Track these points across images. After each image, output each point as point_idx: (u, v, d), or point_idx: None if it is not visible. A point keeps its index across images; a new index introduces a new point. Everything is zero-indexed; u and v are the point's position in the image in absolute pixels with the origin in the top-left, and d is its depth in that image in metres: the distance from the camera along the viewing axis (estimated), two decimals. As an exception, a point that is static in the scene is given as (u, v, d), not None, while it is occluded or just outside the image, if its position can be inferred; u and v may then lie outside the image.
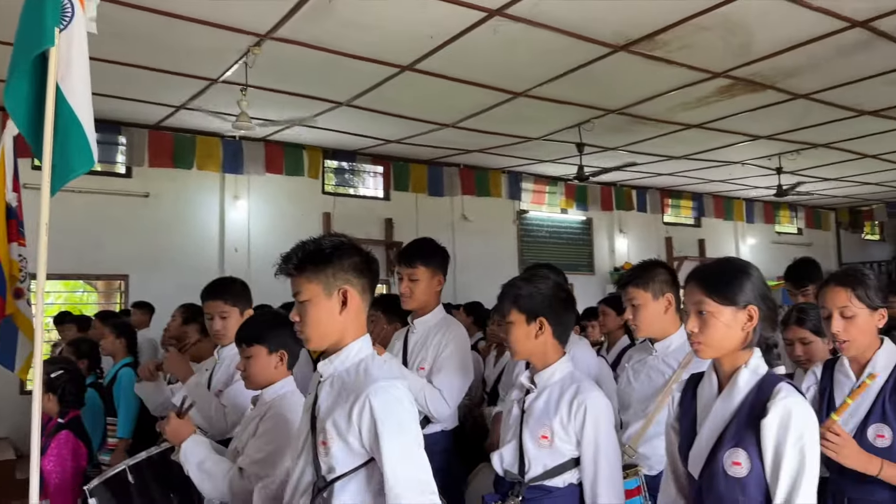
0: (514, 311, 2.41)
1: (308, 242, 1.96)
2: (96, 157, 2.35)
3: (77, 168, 2.31)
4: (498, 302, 2.49)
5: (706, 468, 1.86)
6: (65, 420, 3.41)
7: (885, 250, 16.73)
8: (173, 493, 2.79)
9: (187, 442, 2.46)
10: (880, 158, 10.53)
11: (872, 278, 2.38)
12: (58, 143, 2.30)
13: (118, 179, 8.55)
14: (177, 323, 4.37)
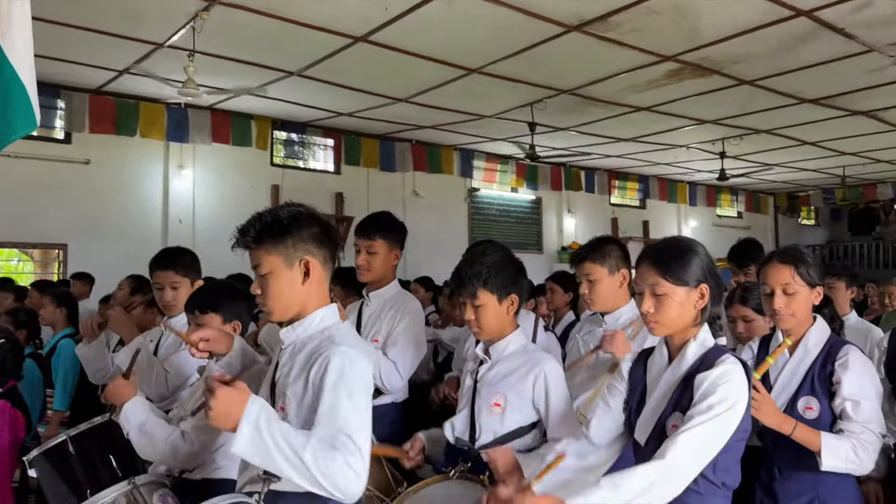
0: (484, 293, 2.41)
1: (265, 214, 1.92)
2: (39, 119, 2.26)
3: (19, 130, 2.21)
4: (461, 283, 2.44)
5: (652, 434, 1.94)
6: (3, 389, 3.31)
7: (819, 235, 17.41)
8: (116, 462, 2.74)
9: (130, 402, 2.39)
10: (819, 146, 10.90)
11: (812, 257, 2.47)
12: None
13: (57, 145, 8.22)
14: (124, 293, 4.27)
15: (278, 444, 1.55)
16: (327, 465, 1.57)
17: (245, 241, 1.91)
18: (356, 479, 1.59)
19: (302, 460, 1.56)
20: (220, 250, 3.61)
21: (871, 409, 2.29)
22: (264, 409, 1.61)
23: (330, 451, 1.59)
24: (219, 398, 1.58)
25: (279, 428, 1.58)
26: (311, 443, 1.59)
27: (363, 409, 1.72)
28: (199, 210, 9.02)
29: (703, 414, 1.80)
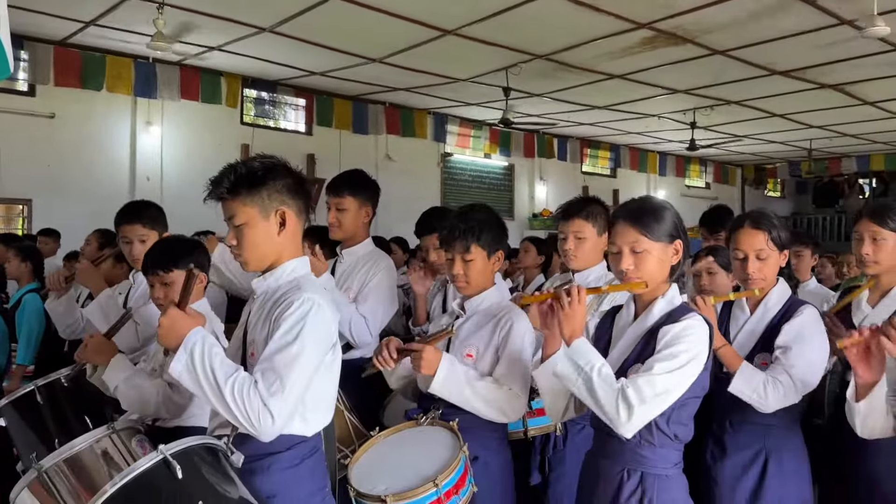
0: (476, 248, 2.46)
1: (238, 165, 1.91)
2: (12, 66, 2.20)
3: None
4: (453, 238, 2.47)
5: None
6: None
7: (784, 207, 17.73)
8: (87, 414, 2.75)
9: (115, 359, 2.42)
10: (787, 118, 11.05)
11: (780, 220, 2.53)
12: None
13: (20, 98, 8.00)
14: (92, 248, 4.22)
15: (206, 374, 1.67)
16: (244, 401, 1.65)
17: (219, 192, 1.90)
18: (271, 421, 1.66)
19: (222, 392, 1.65)
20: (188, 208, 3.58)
21: (799, 357, 2.33)
22: (206, 339, 1.72)
23: (252, 388, 1.67)
24: (169, 316, 1.73)
25: (212, 359, 1.69)
26: (237, 377, 1.68)
27: (308, 356, 1.75)
28: (168, 168, 8.88)
29: (663, 361, 1.86)
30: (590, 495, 2.07)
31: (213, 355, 1.70)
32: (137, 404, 2.41)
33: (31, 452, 2.65)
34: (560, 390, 2.01)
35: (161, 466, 1.59)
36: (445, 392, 2.30)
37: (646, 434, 1.93)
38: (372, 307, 3.11)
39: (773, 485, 2.38)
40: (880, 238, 2.58)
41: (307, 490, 1.87)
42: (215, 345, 1.73)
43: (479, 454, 2.32)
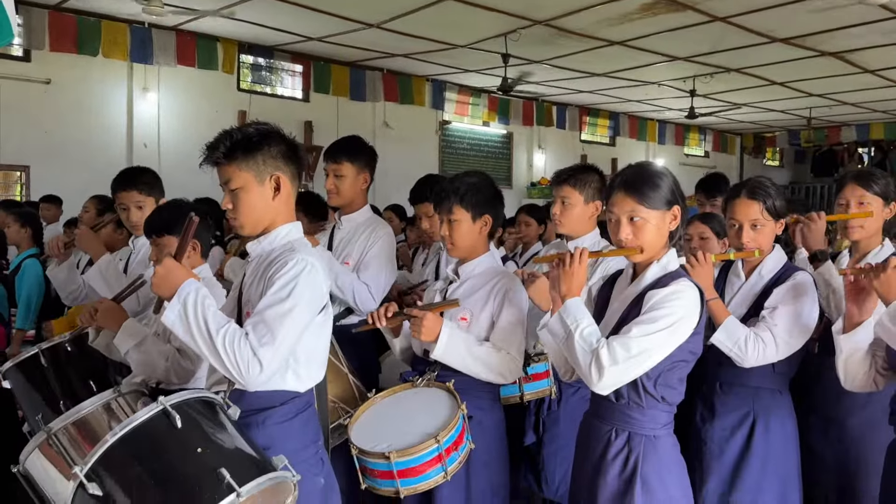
0: (459, 209, 2.49)
1: (234, 131, 1.96)
2: (16, 31, 2.20)
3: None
4: (440, 199, 2.52)
5: None
6: None
7: (783, 176, 17.70)
8: (90, 377, 2.79)
9: (126, 324, 2.46)
10: (787, 86, 11.00)
11: (776, 189, 2.55)
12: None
13: (15, 63, 7.93)
14: (90, 214, 4.23)
15: (198, 323, 1.73)
16: (234, 350, 1.72)
17: (215, 157, 1.95)
18: (260, 371, 1.74)
19: (213, 341, 1.73)
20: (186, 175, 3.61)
21: (784, 317, 2.38)
22: (199, 291, 1.78)
23: (242, 339, 1.74)
24: (164, 265, 1.80)
25: (204, 309, 1.75)
26: (228, 328, 1.74)
27: (299, 313, 1.82)
28: (165, 134, 8.85)
29: (642, 325, 1.90)
30: (583, 455, 2.13)
31: (206, 306, 1.76)
32: (147, 368, 2.45)
33: (36, 414, 2.70)
34: (559, 348, 2.06)
35: (161, 417, 1.66)
36: (447, 358, 2.36)
37: (633, 395, 1.98)
38: (374, 274, 3.14)
39: (759, 446, 2.45)
40: (866, 202, 2.62)
41: (300, 443, 1.94)
42: (208, 296, 1.79)
43: (473, 414, 2.38)
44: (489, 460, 2.42)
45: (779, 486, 2.46)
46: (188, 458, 1.64)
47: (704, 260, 2.46)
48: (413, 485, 2.19)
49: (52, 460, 1.74)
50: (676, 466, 2.04)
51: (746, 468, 2.45)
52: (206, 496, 1.55)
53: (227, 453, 1.69)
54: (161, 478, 1.61)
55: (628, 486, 1.97)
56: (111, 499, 1.58)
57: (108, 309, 2.52)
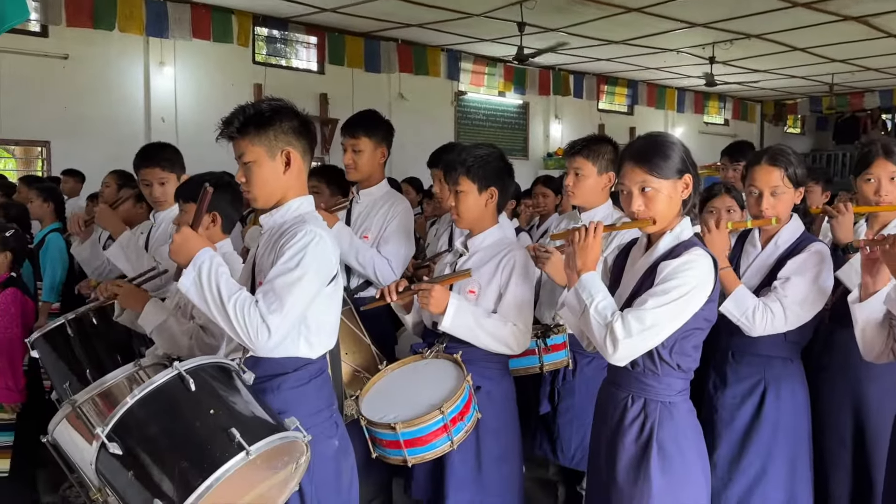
0: (465, 181, 2.50)
1: (247, 106, 2.02)
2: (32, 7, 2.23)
3: (11, 18, 2.20)
4: (447, 169, 2.54)
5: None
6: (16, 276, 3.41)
7: (804, 143, 17.45)
8: (114, 346, 2.87)
9: (149, 305, 2.55)
10: (809, 52, 10.79)
11: (797, 157, 2.52)
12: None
13: (33, 39, 7.99)
14: (111, 190, 4.29)
15: (211, 290, 1.82)
16: (244, 316, 1.80)
17: (229, 132, 2.01)
18: (268, 337, 1.81)
19: (225, 307, 1.81)
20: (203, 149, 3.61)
21: (794, 288, 2.38)
22: (213, 259, 1.86)
23: (252, 305, 1.82)
24: (182, 234, 1.89)
25: (218, 277, 1.84)
26: (240, 295, 1.83)
27: (309, 278, 1.88)
28: (182, 108, 8.90)
29: (656, 296, 1.92)
30: (601, 421, 2.17)
31: (220, 274, 1.85)
32: (172, 346, 2.54)
33: (63, 382, 2.80)
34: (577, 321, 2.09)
35: (176, 380, 1.74)
36: (455, 329, 2.40)
37: (649, 363, 2.01)
38: (394, 249, 3.17)
39: (770, 413, 2.47)
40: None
41: (314, 407, 2.01)
42: (222, 265, 1.87)
43: (481, 384, 2.43)
44: (498, 428, 2.47)
45: (789, 452, 2.48)
46: (201, 419, 1.72)
47: (718, 228, 2.46)
48: (420, 454, 2.25)
49: (77, 429, 1.83)
50: (692, 432, 2.06)
51: (757, 435, 2.48)
52: (216, 454, 1.63)
53: (239, 415, 1.77)
54: (176, 437, 1.70)
55: (645, 451, 2.00)
56: (130, 457, 1.67)
57: (129, 292, 2.63)
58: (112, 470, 1.69)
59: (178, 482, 1.61)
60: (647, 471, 1.99)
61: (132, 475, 1.65)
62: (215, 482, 1.60)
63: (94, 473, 1.71)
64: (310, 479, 1.93)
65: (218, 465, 1.61)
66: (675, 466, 2.00)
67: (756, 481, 2.47)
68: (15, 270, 3.44)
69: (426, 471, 2.45)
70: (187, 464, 1.63)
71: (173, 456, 1.66)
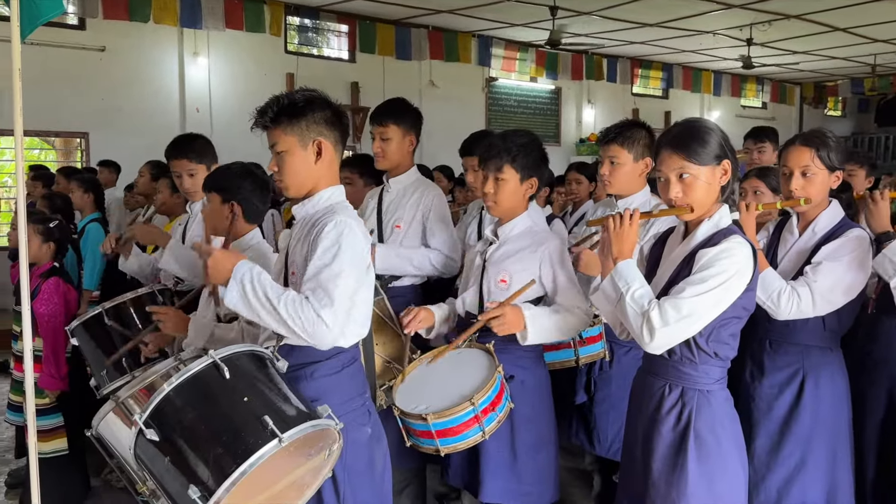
0: (509, 169, 2.48)
1: (282, 97, 2.03)
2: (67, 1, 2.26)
3: (46, 12, 2.23)
4: (489, 156, 2.51)
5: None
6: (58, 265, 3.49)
7: (845, 126, 17.03)
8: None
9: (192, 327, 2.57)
10: (850, 32, 10.49)
11: (835, 141, 2.46)
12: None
13: (71, 32, 8.14)
14: (145, 180, 4.35)
15: (259, 298, 1.83)
16: (299, 314, 1.80)
17: (263, 121, 2.03)
18: (326, 330, 1.81)
19: (277, 311, 1.81)
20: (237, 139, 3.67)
21: (826, 273, 2.33)
22: (252, 269, 1.87)
23: (304, 302, 1.83)
24: (214, 258, 1.88)
25: (262, 284, 1.84)
26: (288, 295, 1.83)
27: (348, 269, 1.89)
28: (216, 98, 9.00)
29: (694, 285, 1.89)
30: (636, 409, 2.15)
31: (263, 281, 1.85)
32: None
33: (101, 370, 2.86)
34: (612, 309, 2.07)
35: (211, 368, 1.77)
36: (538, 340, 2.41)
37: (686, 352, 1.98)
38: (444, 238, 3.17)
39: (809, 403, 2.43)
40: None
41: (347, 395, 2.03)
42: (262, 272, 1.88)
43: (515, 373, 2.42)
44: (532, 417, 2.47)
45: (829, 443, 2.44)
46: (235, 407, 1.74)
47: (746, 210, 2.42)
48: (452, 444, 2.26)
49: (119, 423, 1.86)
50: (730, 420, 2.04)
51: (796, 425, 2.44)
52: (250, 441, 1.66)
53: (272, 402, 1.79)
54: (211, 424, 1.73)
55: (682, 439, 1.99)
56: (166, 443, 1.70)
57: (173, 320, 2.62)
58: (150, 456, 1.72)
59: (213, 468, 1.64)
60: (685, 459, 1.98)
61: (168, 461, 1.69)
62: (249, 468, 1.62)
63: (134, 459, 1.75)
64: (343, 466, 1.95)
65: (251, 452, 1.63)
66: (713, 455, 1.98)
67: (796, 472, 2.43)
68: (58, 260, 3.51)
69: (462, 458, 2.47)
70: (222, 450, 1.66)
71: (208, 443, 1.68)
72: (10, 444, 4.33)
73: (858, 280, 2.36)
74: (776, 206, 2.53)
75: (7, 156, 8.39)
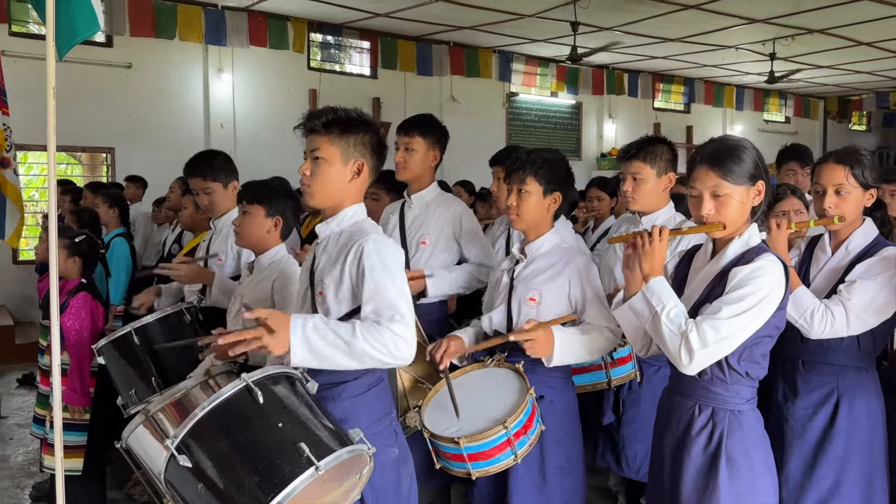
0: (533, 181, 2.48)
1: (339, 109, 2.06)
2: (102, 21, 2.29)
3: (82, 31, 2.26)
4: (514, 169, 2.52)
5: None
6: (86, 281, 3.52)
7: (870, 141, 16.83)
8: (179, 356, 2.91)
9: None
10: (875, 46, 10.39)
11: (869, 159, 2.43)
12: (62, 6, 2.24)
13: (98, 49, 8.27)
14: (176, 195, 4.41)
15: (329, 343, 1.76)
16: (376, 339, 1.78)
17: (312, 125, 2.03)
18: (405, 344, 1.81)
19: (353, 347, 1.76)
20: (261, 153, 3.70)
21: (861, 292, 2.29)
22: (307, 321, 1.78)
23: (375, 327, 1.80)
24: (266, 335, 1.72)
25: (326, 329, 1.77)
26: (358, 328, 1.78)
27: (399, 282, 1.90)
28: (240, 114, 9.09)
29: (731, 304, 1.87)
30: (664, 430, 2.12)
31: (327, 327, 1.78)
32: None
33: (129, 389, 2.87)
34: (639, 326, 2.05)
35: (244, 393, 1.74)
36: (566, 361, 2.40)
37: (717, 371, 1.96)
38: (481, 249, 3.18)
39: (843, 426, 2.38)
40: None
41: (375, 415, 2.01)
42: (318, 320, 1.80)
43: (544, 393, 2.41)
44: (562, 438, 2.44)
45: (864, 465, 2.38)
46: (270, 433, 1.71)
47: (778, 228, 2.39)
48: (484, 467, 2.23)
49: (149, 438, 1.85)
50: (761, 441, 2.01)
51: (830, 447, 2.39)
52: (287, 469, 1.63)
53: (306, 427, 1.76)
54: (245, 451, 1.69)
55: (713, 460, 1.96)
56: (199, 470, 1.67)
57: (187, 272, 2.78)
58: (181, 481, 1.70)
59: (249, 498, 1.61)
60: (716, 481, 1.95)
61: (202, 487, 1.66)
62: (285, 499, 1.60)
63: (164, 483, 1.73)
64: (370, 488, 1.94)
65: (288, 481, 1.61)
66: (744, 476, 1.95)
67: (830, 495, 2.38)
68: (86, 275, 3.53)
69: (489, 479, 2.43)
70: (258, 478, 1.63)
71: (243, 470, 1.66)
72: (37, 456, 4.37)
73: (892, 300, 2.32)
74: (809, 224, 2.50)
75: (34, 170, 8.51)
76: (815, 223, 2.48)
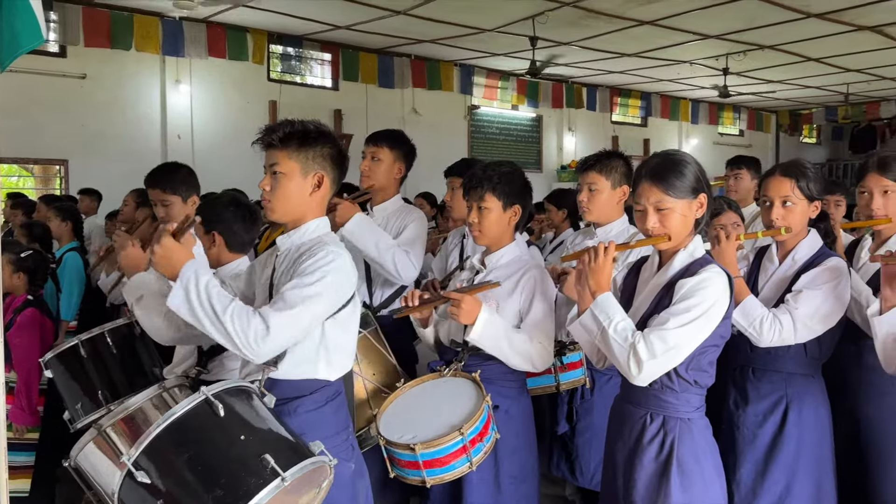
0: (492, 197, 2.49)
1: (296, 122, 2.05)
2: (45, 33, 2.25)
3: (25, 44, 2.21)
4: (472, 186, 2.53)
5: None
6: (33, 297, 3.43)
7: (820, 153, 17.33)
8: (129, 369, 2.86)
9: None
10: (823, 62, 10.73)
11: (814, 171, 2.51)
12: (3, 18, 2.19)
13: (52, 59, 8.10)
14: (130, 208, 4.32)
15: (202, 304, 1.80)
16: (242, 325, 1.79)
17: (269, 139, 2.02)
18: (268, 340, 1.80)
19: (220, 319, 1.78)
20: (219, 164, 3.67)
21: (806, 301, 2.35)
22: (198, 274, 1.83)
23: (252, 313, 1.81)
24: (164, 245, 1.84)
25: (207, 291, 1.81)
26: (233, 306, 1.81)
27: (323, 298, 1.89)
28: (198, 126, 8.97)
29: (678, 316, 1.92)
30: (616, 439, 2.15)
31: (209, 290, 1.82)
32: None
33: (76, 403, 2.79)
34: (591, 341, 2.09)
35: (203, 406, 1.72)
36: (483, 341, 2.37)
37: (666, 381, 2.00)
38: (411, 244, 3.16)
39: (793, 431, 2.43)
40: (891, 191, 2.58)
41: (332, 430, 2.00)
42: (211, 278, 1.85)
43: (500, 403, 2.41)
44: (517, 447, 2.45)
45: (813, 471, 2.44)
46: (232, 446, 1.69)
47: (727, 239, 2.46)
48: (438, 475, 2.23)
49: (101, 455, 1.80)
50: (710, 447, 2.06)
51: (780, 453, 2.44)
52: (252, 481, 1.61)
53: (269, 440, 1.75)
54: (207, 465, 1.66)
55: (665, 468, 2.00)
56: (159, 486, 1.63)
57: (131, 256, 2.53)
58: (138, 499, 1.66)
59: (214, 511, 1.58)
60: (668, 488, 1.99)
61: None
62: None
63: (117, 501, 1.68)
64: (328, 502, 1.91)
65: (254, 493, 1.59)
66: (695, 483, 2.00)
67: (781, 499, 2.43)
68: (34, 292, 3.45)
69: (444, 490, 2.43)
70: (222, 492, 1.60)
71: (206, 484, 1.63)
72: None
73: (836, 308, 2.39)
74: (757, 235, 2.57)
75: (-16, 183, 8.29)
76: (762, 234, 2.55)
